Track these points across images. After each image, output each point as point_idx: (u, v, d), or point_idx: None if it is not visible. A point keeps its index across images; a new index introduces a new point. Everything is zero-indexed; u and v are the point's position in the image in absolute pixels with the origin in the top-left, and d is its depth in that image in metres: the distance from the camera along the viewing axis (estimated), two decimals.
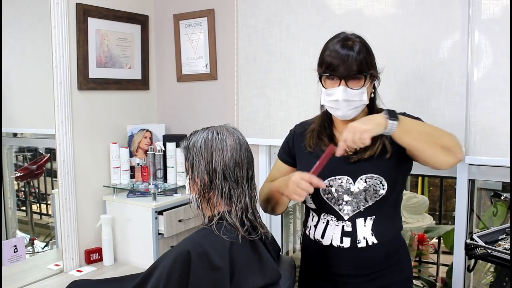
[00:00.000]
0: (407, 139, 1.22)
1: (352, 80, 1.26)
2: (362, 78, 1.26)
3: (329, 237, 1.36)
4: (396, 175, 1.33)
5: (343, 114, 1.30)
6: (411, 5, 1.72)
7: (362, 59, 1.25)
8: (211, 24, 2.27)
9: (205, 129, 1.26)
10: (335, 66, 1.25)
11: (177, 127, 2.45)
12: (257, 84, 2.11)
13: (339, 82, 1.26)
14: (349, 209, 1.33)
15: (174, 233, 2.09)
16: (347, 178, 1.33)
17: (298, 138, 1.47)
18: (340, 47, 1.26)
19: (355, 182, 1.32)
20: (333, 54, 1.26)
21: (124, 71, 2.31)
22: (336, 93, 1.27)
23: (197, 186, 1.23)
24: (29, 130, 2.24)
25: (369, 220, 1.33)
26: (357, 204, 1.32)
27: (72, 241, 2.06)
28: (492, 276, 1.98)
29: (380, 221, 1.33)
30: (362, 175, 1.31)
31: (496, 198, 2.08)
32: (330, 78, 1.29)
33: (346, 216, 1.34)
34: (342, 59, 1.24)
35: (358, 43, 1.27)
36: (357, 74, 1.25)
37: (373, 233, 1.32)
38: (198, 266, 1.10)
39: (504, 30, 1.56)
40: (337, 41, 1.28)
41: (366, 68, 1.26)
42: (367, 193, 1.31)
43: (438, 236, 2.78)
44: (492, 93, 1.59)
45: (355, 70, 1.25)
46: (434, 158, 1.25)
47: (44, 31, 1.96)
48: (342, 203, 1.34)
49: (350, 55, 1.24)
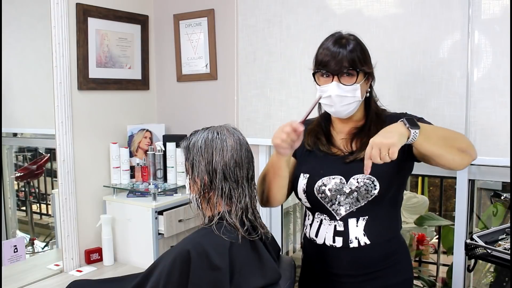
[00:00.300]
0: (428, 146, 1.18)
1: (345, 76, 1.28)
2: (354, 75, 1.28)
3: (322, 236, 1.36)
4: (392, 176, 1.32)
5: (336, 110, 1.31)
6: (411, 5, 1.72)
7: (354, 56, 1.27)
8: (211, 24, 2.27)
9: (205, 129, 1.26)
10: (326, 62, 1.28)
11: (177, 127, 2.45)
12: (257, 84, 2.11)
13: (332, 79, 1.28)
14: (342, 209, 1.33)
15: (174, 233, 2.09)
16: (341, 178, 1.33)
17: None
18: (332, 45, 1.29)
19: (348, 182, 1.32)
20: (325, 52, 1.29)
21: (124, 71, 2.31)
22: (329, 89, 1.29)
23: (197, 186, 1.23)
24: (29, 130, 2.24)
25: (361, 221, 1.33)
26: (350, 205, 1.32)
27: (72, 241, 2.06)
28: (492, 276, 1.99)
29: (373, 222, 1.32)
30: (355, 175, 1.32)
31: (496, 198, 2.08)
32: (323, 76, 1.31)
33: (339, 216, 1.34)
34: (333, 55, 1.27)
35: (352, 41, 1.29)
36: (349, 70, 1.27)
37: (365, 234, 1.32)
38: (198, 266, 1.10)
39: (504, 30, 1.56)
40: (330, 40, 1.31)
41: (358, 64, 1.28)
42: (358, 193, 1.31)
43: (437, 231, 2.78)
44: (492, 93, 1.59)
45: (347, 66, 1.26)
46: (452, 162, 1.23)
47: (44, 31, 1.96)
48: (335, 203, 1.34)
49: (341, 52, 1.26)
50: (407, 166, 1.37)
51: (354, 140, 1.37)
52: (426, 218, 2.55)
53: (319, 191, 1.35)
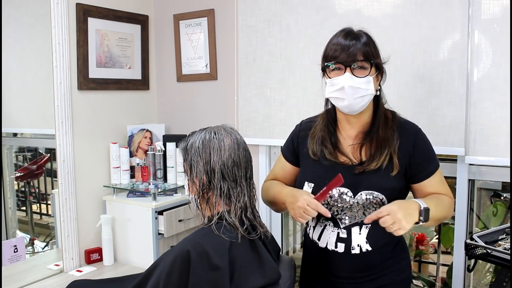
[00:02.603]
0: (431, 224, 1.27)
1: (357, 69, 1.25)
2: (367, 68, 1.25)
3: (325, 241, 1.36)
4: (398, 191, 1.32)
5: (349, 103, 1.26)
6: (411, 5, 1.72)
7: (368, 49, 1.25)
8: (211, 24, 2.27)
9: (202, 129, 1.26)
10: (338, 53, 1.25)
11: (177, 127, 2.45)
12: (257, 84, 2.11)
13: (344, 71, 1.25)
14: (347, 219, 1.33)
15: (174, 233, 2.09)
16: (348, 190, 1.31)
17: (302, 142, 1.43)
18: (342, 39, 1.26)
19: (355, 196, 1.30)
20: (335, 47, 1.27)
21: (124, 71, 2.31)
22: (341, 81, 1.25)
23: (196, 186, 1.23)
24: (29, 130, 2.23)
25: (364, 229, 1.32)
26: (355, 216, 1.32)
27: (72, 241, 2.06)
28: (492, 276, 1.98)
29: (376, 229, 1.30)
30: (363, 191, 1.29)
31: (496, 198, 2.08)
32: (335, 69, 1.27)
33: (343, 224, 1.33)
34: (345, 47, 1.24)
35: (364, 35, 1.28)
36: (362, 61, 1.24)
37: (368, 241, 1.32)
38: (198, 265, 1.10)
39: (504, 30, 1.56)
40: (340, 34, 1.29)
41: (371, 56, 1.26)
42: (365, 208, 1.30)
43: (437, 231, 2.77)
44: (492, 93, 1.59)
45: (361, 57, 1.24)
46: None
47: (44, 31, 1.96)
48: (341, 213, 1.33)
49: (353, 44, 1.24)
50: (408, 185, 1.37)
51: (364, 148, 1.33)
52: None
53: (324, 202, 1.32)
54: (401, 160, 1.30)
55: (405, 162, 1.31)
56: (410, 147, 1.31)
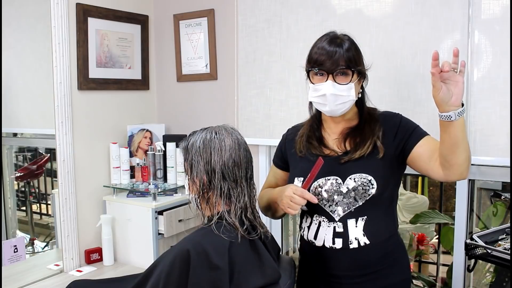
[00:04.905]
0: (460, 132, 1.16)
1: (339, 75, 1.30)
2: (349, 74, 1.29)
3: (322, 238, 1.36)
4: (388, 175, 1.34)
5: (331, 109, 1.32)
6: (411, 5, 1.72)
7: (350, 55, 1.28)
8: (211, 24, 2.27)
9: (203, 129, 1.26)
10: (322, 61, 1.29)
11: (177, 127, 2.45)
12: (257, 84, 2.11)
13: (326, 78, 1.29)
14: (340, 209, 1.33)
15: (174, 233, 2.09)
16: (336, 178, 1.34)
17: (289, 144, 1.50)
18: (327, 44, 1.30)
19: (344, 182, 1.33)
20: (320, 51, 1.30)
21: (124, 71, 2.32)
22: (323, 88, 1.29)
23: (196, 186, 1.23)
24: (29, 130, 2.24)
25: (360, 221, 1.33)
26: (348, 205, 1.33)
27: (72, 241, 2.06)
28: (492, 276, 1.98)
29: (372, 221, 1.33)
30: (352, 175, 1.33)
31: (496, 198, 2.08)
32: (317, 74, 1.32)
33: (337, 217, 1.34)
34: (329, 54, 1.28)
35: (346, 41, 1.31)
36: (344, 69, 1.28)
37: (365, 234, 1.32)
38: (198, 265, 1.10)
39: (504, 30, 1.56)
40: (325, 39, 1.32)
41: (353, 64, 1.29)
42: (356, 192, 1.31)
43: (437, 231, 2.77)
44: (492, 93, 1.59)
45: (342, 65, 1.28)
46: (460, 167, 1.20)
47: (44, 31, 1.96)
48: (333, 204, 1.34)
49: (337, 51, 1.28)
50: (398, 167, 1.38)
51: (348, 139, 1.37)
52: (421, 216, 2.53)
53: (315, 193, 1.35)
54: (388, 144, 1.33)
55: (393, 143, 1.34)
56: (395, 128, 1.35)
